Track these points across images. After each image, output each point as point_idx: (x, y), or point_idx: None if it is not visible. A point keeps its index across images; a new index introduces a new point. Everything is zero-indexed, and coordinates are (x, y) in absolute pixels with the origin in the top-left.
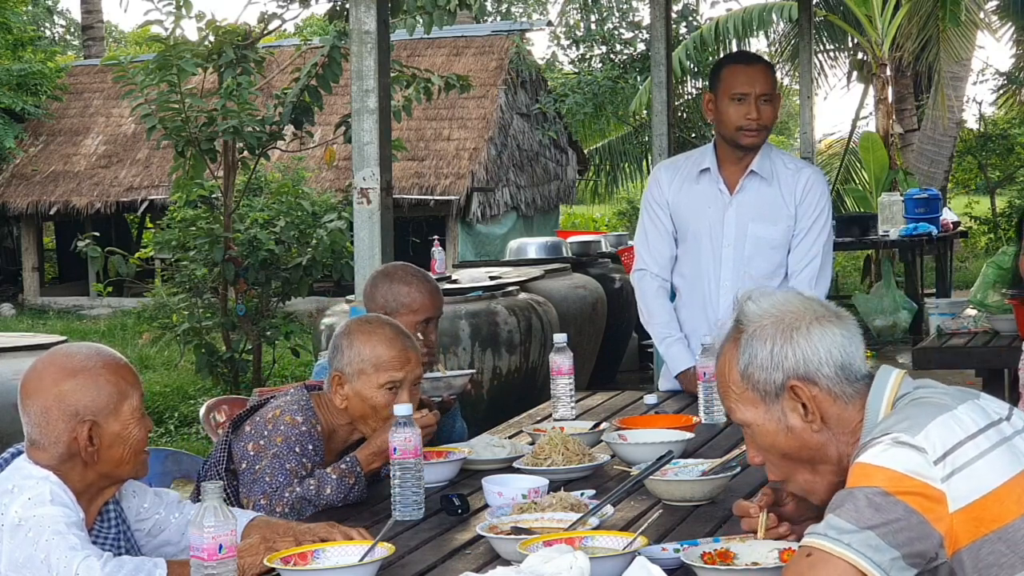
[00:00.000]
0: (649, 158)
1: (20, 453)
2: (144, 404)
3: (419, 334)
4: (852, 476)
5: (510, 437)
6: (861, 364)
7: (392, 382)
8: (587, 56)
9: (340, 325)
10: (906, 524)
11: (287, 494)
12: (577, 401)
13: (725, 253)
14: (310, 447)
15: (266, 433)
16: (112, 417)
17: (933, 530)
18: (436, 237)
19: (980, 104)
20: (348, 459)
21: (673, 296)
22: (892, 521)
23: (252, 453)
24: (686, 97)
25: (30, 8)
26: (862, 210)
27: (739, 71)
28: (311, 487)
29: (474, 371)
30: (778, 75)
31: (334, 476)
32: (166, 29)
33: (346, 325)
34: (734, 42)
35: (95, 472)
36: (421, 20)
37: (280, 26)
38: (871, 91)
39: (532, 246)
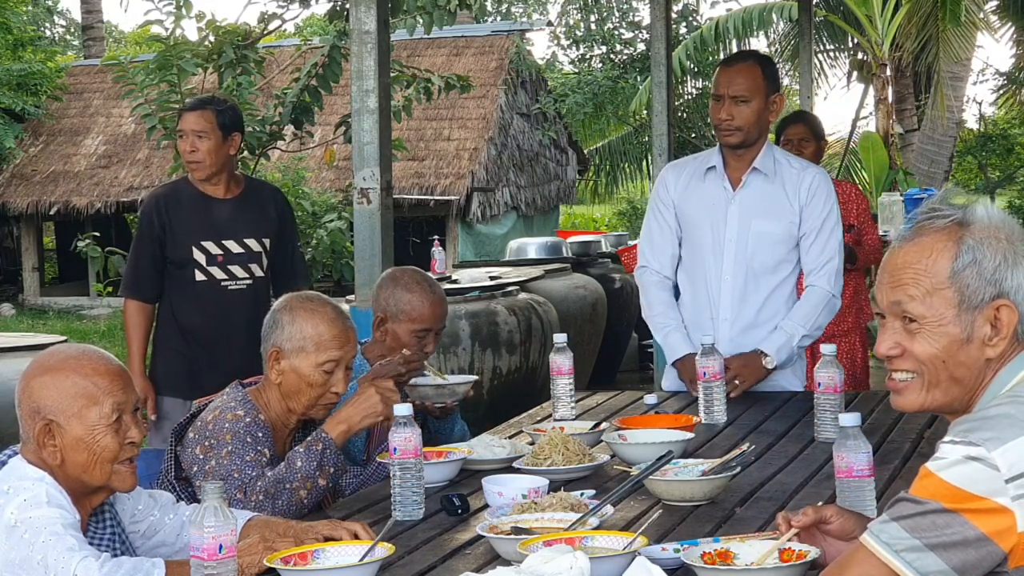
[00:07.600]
0: (649, 158)
1: (16, 455)
2: (133, 418)
3: (416, 342)
4: (920, 481)
5: (510, 437)
6: None
7: (331, 361)
8: (587, 56)
9: (279, 300)
10: (962, 540)
11: (259, 483)
12: (577, 401)
13: (727, 249)
14: (260, 435)
15: (211, 435)
16: (75, 420)
17: (996, 547)
18: (436, 237)
19: (980, 104)
20: (314, 433)
21: (677, 295)
22: (950, 538)
23: (201, 456)
24: (686, 97)
25: (30, 8)
26: None
27: (721, 72)
28: (280, 467)
29: (477, 377)
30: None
31: (300, 449)
32: (166, 29)
33: (286, 300)
34: (734, 42)
35: (64, 473)
36: (421, 20)
37: (280, 26)
38: (871, 91)
39: (532, 246)
